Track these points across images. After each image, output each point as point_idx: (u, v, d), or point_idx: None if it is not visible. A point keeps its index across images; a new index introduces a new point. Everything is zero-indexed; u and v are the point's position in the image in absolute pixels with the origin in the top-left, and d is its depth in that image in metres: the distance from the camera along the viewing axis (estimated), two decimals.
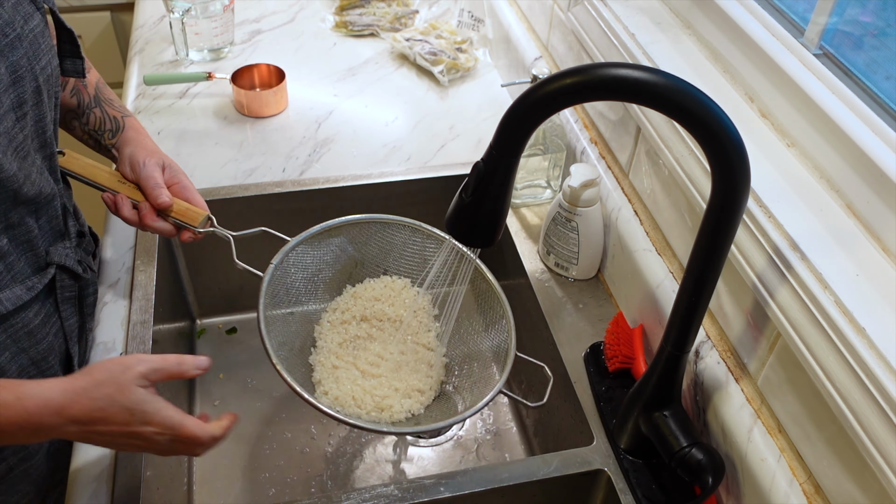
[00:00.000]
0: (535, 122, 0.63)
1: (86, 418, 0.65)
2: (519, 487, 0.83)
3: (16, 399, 0.63)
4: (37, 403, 0.63)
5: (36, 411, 0.63)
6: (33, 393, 0.63)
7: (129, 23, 1.82)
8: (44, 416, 0.63)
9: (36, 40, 0.73)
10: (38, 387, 0.64)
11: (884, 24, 0.79)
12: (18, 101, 0.70)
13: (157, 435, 0.68)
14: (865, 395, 0.59)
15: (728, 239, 0.66)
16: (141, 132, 0.94)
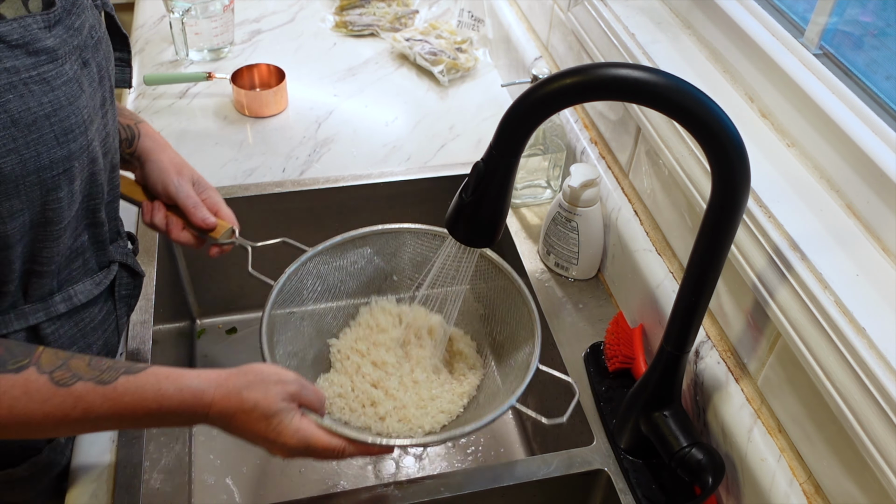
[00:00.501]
0: (536, 122, 0.63)
1: (230, 415, 0.69)
2: (519, 487, 0.83)
3: (176, 390, 0.66)
4: (194, 394, 0.67)
5: (192, 402, 0.67)
6: (193, 385, 0.67)
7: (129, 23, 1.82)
8: (196, 407, 0.67)
9: (108, 43, 0.75)
10: (196, 379, 0.68)
11: (884, 24, 0.79)
12: (102, 100, 0.72)
13: (288, 445, 0.71)
14: (865, 395, 0.59)
15: (728, 239, 0.66)
16: (159, 141, 0.92)
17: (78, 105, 0.65)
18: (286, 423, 0.71)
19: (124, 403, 0.64)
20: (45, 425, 0.62)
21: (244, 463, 1.06)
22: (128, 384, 0.64)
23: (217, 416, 0.68)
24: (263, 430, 0.70)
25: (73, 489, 0.81)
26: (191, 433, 1.09)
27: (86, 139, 0.67)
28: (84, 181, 0.70)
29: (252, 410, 0.69)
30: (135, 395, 0.64)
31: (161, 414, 0.66)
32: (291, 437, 0.71)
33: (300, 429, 0.71)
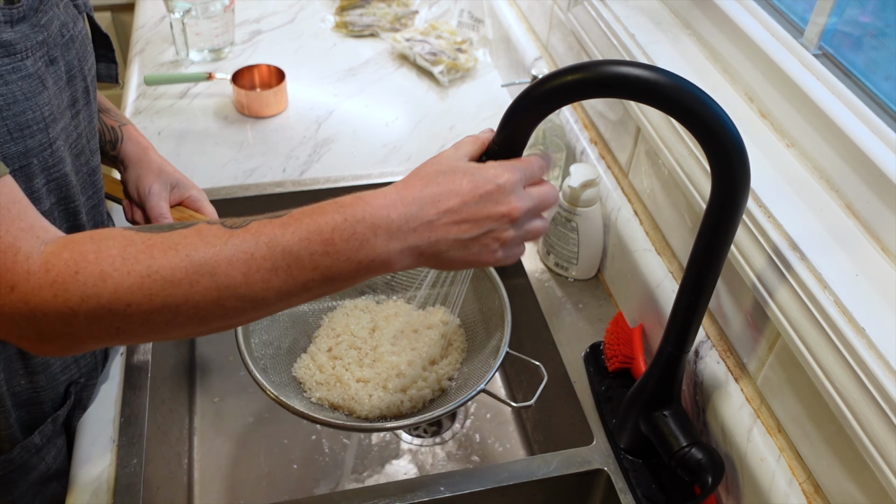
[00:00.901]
0: (537, 119, 0.63)
1: (430, 199, 0.59)
2: (519, 487, 0.84)
3: (358, 199, 0.59)
4: (375, 195, 0.60)
5: (376, 203, 0.59)
6: (371, 198, 0.60)
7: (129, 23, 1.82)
8: (390, 211, 0.58)
9: (83, 42, 0.73)
10: (373, 195, 0.60)
11: (883, 24, 0.79)
12: (72, 100, 0.71)
13: (504, 186, 0.60)
14: (865, 395, 0.59)
15: (728, 239, 0.66)
16: (141, 144, 0.91)
17: (37, 101, 0.62)
18: (486, 167, 0.61)
19: (305, 225, 0.56)
20: (234, 275, 0.54)
21: (245, 463, 1.06)
22: (302, 210, 0.57)
23: (418, 202, 0.59)
24: (474, 186, 0.59)
25: (73, 490, 0.81)
26: (191, 433, 1.09)
27: (46, 137, 0.64)
28: (51, 181, 0.68)
29: (448, 171, 0.61)
30: (313, 212, 0.57)
31: (348, 225, 0.57)
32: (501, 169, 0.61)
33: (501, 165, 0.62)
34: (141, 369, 0.92)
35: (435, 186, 0.60)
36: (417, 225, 0.59)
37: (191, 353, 1.19)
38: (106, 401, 0.89)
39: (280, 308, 0.58)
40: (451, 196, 0.59)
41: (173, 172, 0.91)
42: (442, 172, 0.61)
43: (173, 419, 1.01)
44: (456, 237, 0.60)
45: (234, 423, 1.11)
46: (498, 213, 0.60)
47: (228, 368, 1.18)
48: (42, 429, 0.80)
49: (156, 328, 0.54)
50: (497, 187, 0.60)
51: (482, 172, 0.61)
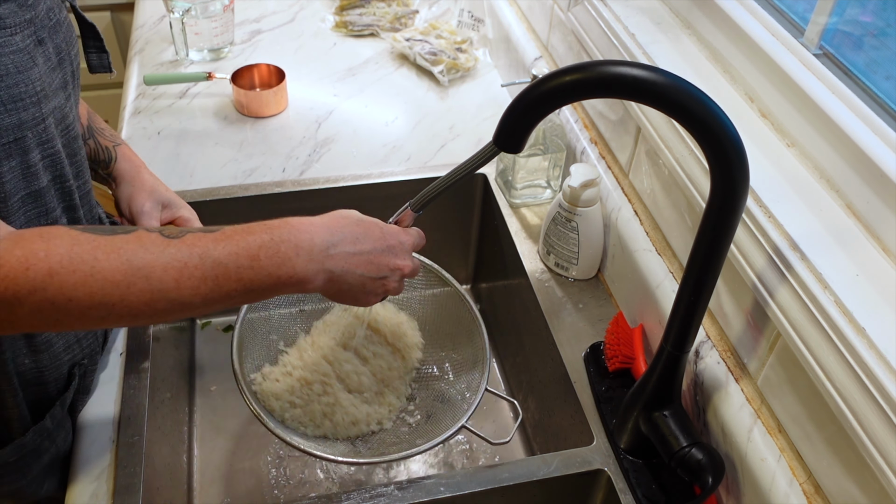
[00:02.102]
0: (537, 118, 0.64)
1: (350, 236, 0.69)
2: (519, 487, 0.83)
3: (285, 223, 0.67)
4: (301, 221, 0.67)
5: (301, 228, 0.66)
6: (298, 223, 0.67)
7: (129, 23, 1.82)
8: (313, 235, 0.66)
9: (69, 28, 0.75)
10: (300, 221, 0.68)
11: (884, 24, 0.79)
12: (63, 82, 0.72)
13: (404, 244, 0.74)
14: (865, 395, 0.59)
15: (728, 239, 0.66)
16: (135, 163, 0.93)
17: (29, 76, 0.65)
18: (390, 227, 0.74)
19: (235, 241, 0.63)
20: (167, 280, 0.60)
21: (245, 463, 1.06)
22: (233, 228, 0.64)
23: (333, 242, 0.68)
24: (383, 236, 0.71)
25: (73, 489, 0.81)
26: (191, 433, 1.09)
27: (39, 111, 0.67)
28: (46, 157, 0.70)
29: (363, 221, 0.71)
30: (244, 231, 0.64)
31: (274, 244, 0.64)
32: (402, 231, 0.74)
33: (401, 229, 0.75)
34: (141, 369, 0.92)
35: (356, 227, 0.70)
36: (336, 252, 0.68)
37: (190, 354, 1.19)
38: (106, 401, 0.89)
39: (202, 312, 0.64)
40: (367, 240, 0.70)
41: (165, 192, 0.93)
42: (361, 219, 0.72)
43: (173, 419, 1.01)
44: (362, 273, 0.70)
45: (234, 423, 1.11)
46: (395, 265, 0.73)
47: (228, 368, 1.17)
48: (53, 412, 0.81)
49: (90, 321, 0.59)
50: (399, 244, 0.73)
51: (390, 229, 0.74)
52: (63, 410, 0.83)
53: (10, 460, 0.78)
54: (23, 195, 0.69)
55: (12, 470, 0.79)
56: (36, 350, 0.77)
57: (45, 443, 0.81)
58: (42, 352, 0.78)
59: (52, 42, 0.70)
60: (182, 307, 0.62)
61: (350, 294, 0.71)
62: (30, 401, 0.79)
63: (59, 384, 0.82)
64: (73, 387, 0.83)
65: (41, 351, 0.78)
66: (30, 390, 0.79)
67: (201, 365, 1.18)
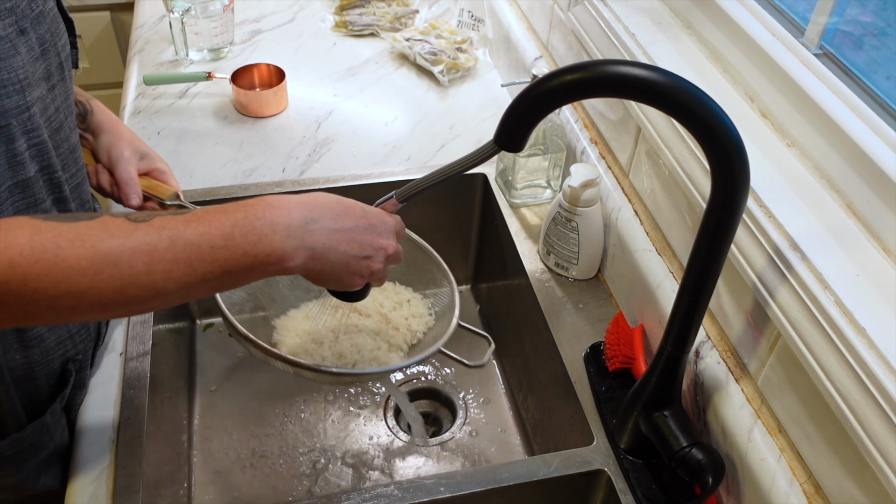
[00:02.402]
0: (538, 118, 0.64)
1: (329, 212, 0.66)
2: (519, 487, 0.83)
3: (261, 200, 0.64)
4: (278, 198, 0.64)
5: (277, 205, 0.63)
6: (274, 199, 0.64)
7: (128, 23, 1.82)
8: (290, 210, 0.63)
9: (55, 20, 0.75)
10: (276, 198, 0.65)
11: (884, 24, 0.79)
12: (47, 73, 0.72)
13: (386, 224, 0.71)
14: (865, 395, 0.59)
15: (728, 239, 0.66)
16: (112, 117, 0.95)
17: (11, 63, 0.64)
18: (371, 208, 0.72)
19: (207, 221, 0.60)
20: (136, 265, 0.57)
21: (245, 463, 1.06)
22: (205, 209, 0.62)
23: (311, 218, 0.65)
24: (365, 215, 0.69)
25: (73, 489, 0.81)
26: (191, 433, 1.09)
27: (23, 99, 0.66)
28: (32, 147, 0.70)
29: (343, 200, 0.69)
30: (216, 211, 0.61)
31: (248, 221, 0.61)
32: (383, 212, 0.72)
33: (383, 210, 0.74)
34: (141, 369, 0.92)
35: (336, 204, 0.68)
36: (316, 228, 0.65)
37: (190, 354, 1.19)
38: (106, 401, 0.89)
39: (181, 299, 0.61)
40: (348, 217, 0.68)
41: (142, 145, 0.95)
42: (340, 199, 0.69)
43: (173, 419, 1.01)
44: (345, 251, 0.67)
45: (235, 422, 1.11)
46: (378, 244, 0.70)
47: (229, 369, 1.18)
48: (53, 408, 0.81)
49: (60, 313, 0.57)
50: (382, 223, 0.71)
51: (372, 209, 0.72)
52: (62, 406, 0.83)
53: (7, 454, 0.78)
54: (10, 185, 0.69)
55: (9, 464, 0.79)
56: (27, 346, 0.77)
57: (44, 438, 0.81)
58: (33, 347, 0.78)
59: (34, 32, 0.70)
60: (156, 293, 0.59)
61: (333, 274, 0.68)
62: (22, 397, 0.79)
63: (51, 380, 0.82)
64: (72, 383, 0.83)
65: (32, 346, 0.78)
66: (21, 386, 0.79)
67: (201, 365, 1.19)
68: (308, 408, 1.13)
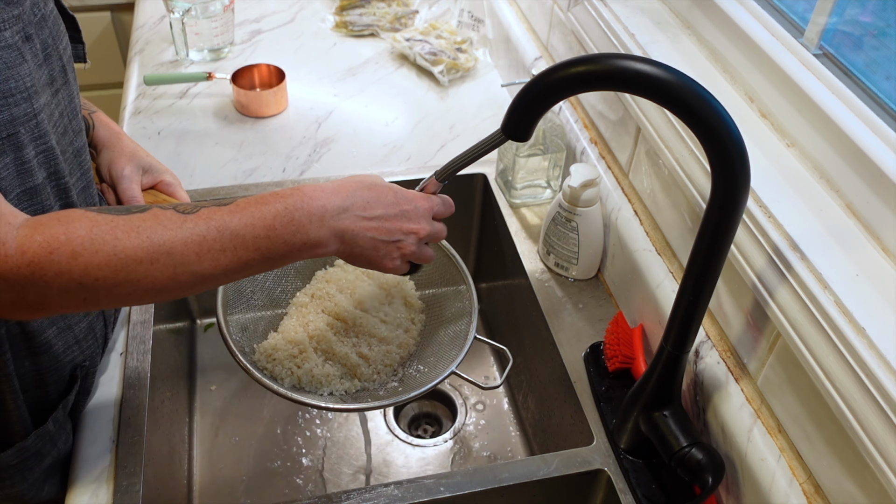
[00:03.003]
0: (544, 108, 0.66)
1: (361, 200, 0.71)
2: (519, 487, 0.83)
3: (297, 190, 0.69)
4: (314, 188, 0.69)
5: (314, 196, 0.68)
6: (310, 190, 0.69)
7: (129, 23, 1.82)
8: (325, 202, 0.68)
9: (56, 22, 0.75)
10: (312, 188, 0.70)
11: (884, 24, 0.79)
12: (50, 78, 0.72)
13: (419, 209, 0.75)
14: (865, 395, 0.59)
15: (728, 239, 0.66)
16: (113, 130, 0.93)
17: (19, 72, 0.65)
18: (406, 192, 0.75)
19: (250, 212, 0.65)
20: (188, 254, 0.62)
21: (245, 463, 1.06)
22: (246, 200, 0.66)
23: (343, 208, 0.69)
24: (396, 202, 0.73)
25: (72, 489, 0.81)
26: (191, 433, 1.09)
27: (30, 107, 0.67)
28: (40, 154, 0.70)
29: (375, 185, 0.72)
30: (257, 202, 0.66)
31: (287, 213, 0.66)
32: (419, 196, 0.75)
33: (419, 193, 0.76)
34: (141, 369, 0.92)
35: (366, 191, 0.72)
36: (347, 217, 0.70)
37: (191, 354, 1.19)
38: (106, 401, 0.89)
39: (224, 282, 0.67)
40: (378, 204, 0.72)
41: (146, 157, 0.93)
42: (374, 184, 0.73)
43: (173, 419, 1.01)
44: (373, 237, 0.71)
45: (235, 423, 1.11)
46: (408, 229, 0.74)
47: (229, 369, 1.18)
48: (55, 415, 0.81)
49: (117, 299, 0.62)
50: (414, 209, 0.74)
51: (404, 193, 0.75)
52: (65, 413, 0.83)
53: (12, 463, 0.78)
54: (18, 192, 0.69)
55: (13, 473, 0.79)
56: (35, 352, 0.77)
57: (47, 446, 0.81)
58: (41, 354, 0.78)
59: (38, 38, 0.70)
60: (204, 279, 0.63)
61: (364, 257, 0.73)
62: (29, 403, 0.79)
63: (60, 386, 0.82)
64: (76, 389, 0.83)
65: (41, 353, 0.78)
66: (29, 393, 0.79)
67: (201, 365, 1.19)
68: (308, 408, 1.13)
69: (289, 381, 0.87)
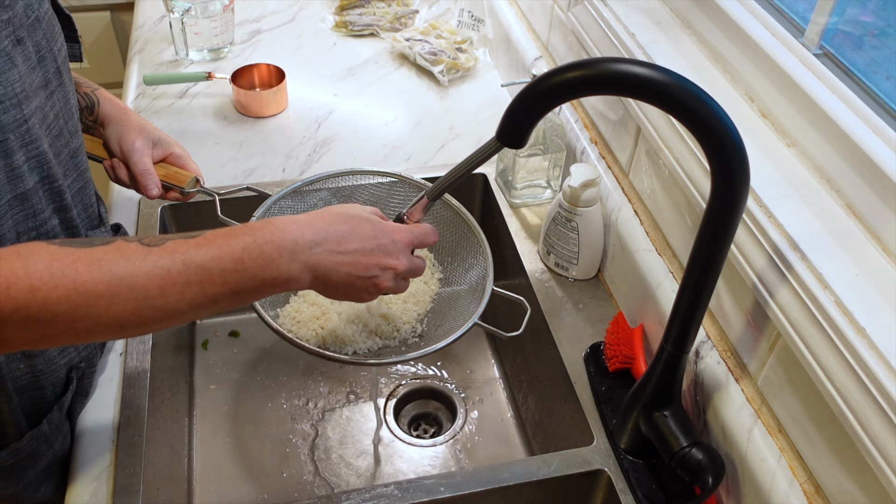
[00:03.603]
0: (539, 114, 0.65)
1: (335, 234, 0.68)
2: (519, 487, 0.83)
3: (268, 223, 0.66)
4: (285, 220, 0.66)
5: (285, 229, 0.65)
6: (281, 223, 0.66)
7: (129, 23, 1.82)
8: (297, 235, 0.66)
9: (50, 23, 0.74)
10: (283, 221, 0.67)
11: (884, 24, 0.79)
12: (45, 80, 0.72)
13: (397, 243, 0.72)
14: (865, 395, 0.59)
15: (728, 239, 0.66)
16: (119, 105, 0.93)
17: (7, 78, 0.64)
18: (386, 223, 0.72)
19: (218, 245, 0.62)
20: (151, 288, 0.59)
21: (245, 463, 1.06)
22: (214, 232, 0.64)
23: (316, 242, 0.67)
24: (373, 235, 0.70)
25: (72, 489, 0.81)
26: (191, 433, 1.09)
27: (20, 112, 0.66)
28: (31, 159, 0.70)
29: (352, 217, 0.70)
30: (225, 235, 0.63)
31: (257, 246, 0.63)
32: (395, 228, 0.72)
33: (399, 226, 0.73)
34: (140, 370, 0.92)
35: (342, 224, 0.69)
36: (320, 251, 0.67)
37: (190, 354, 1.19)
38: (106, 401, 0.89)
39: (191, 318, 0.64)
40: (353, 238, 0.69)
41: (154, 130, 0.93)
42: (351, 216, 0.70)
43: (173, 419, 1.01)
44: (347, 272, 0.69)
45: (234, 423, 1.11)
46: (385, 264, 0.71)
47: (228, 368, 1.18)
48: (50, 417, 0.80)
49: (77, 335, 0.59)
50: (392, 242, 0.71)
51: (382, 226, 0.72)
52: (61, 415, 0.82)
53: (6, 464, 0.78)
54: (9, 198, 0.69)
55: (8, 474, 0.79)
56: (30, 354, 0.77)
57: (42, 447, 0.80)
58: (36, 356, 0.77)
59: (31, 40, 0.69)
60: (168, 314, 0.61)
61: (339, 291, 0.70)
62: (26, 405, 0.79)
63: (57, 388, 0.82)
64: (71, 390, 0.83)
65: (35, 355, 0.77)
66: (26, 395, 0.78)
67: (201, 364, 1.18)
68: (309, 408, 1.13)
69: (314, 342, 0.87)
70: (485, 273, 0.89)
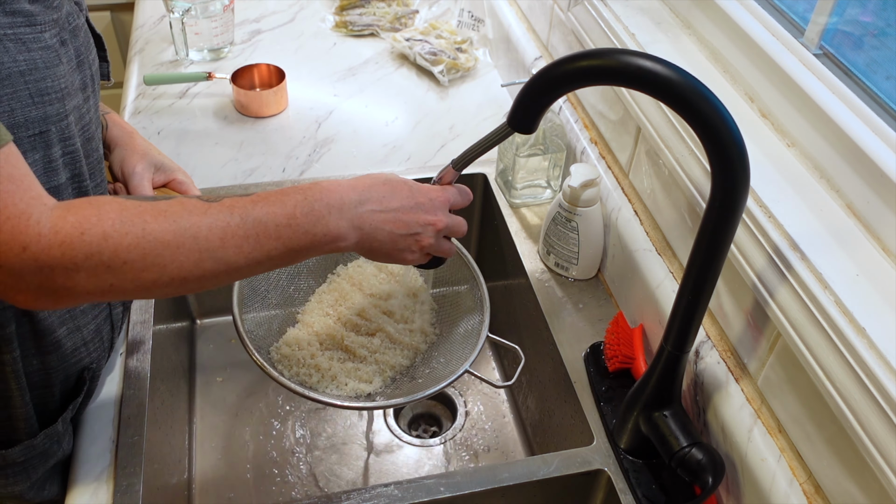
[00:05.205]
0: (551, 100, 0.68)
1: (377, 195, 0.72)
2: (519, 487, 0.83)
3: (316, 184, 0.70)
4: (331, 183, 0.71)
5: (331, 189, 0.70)
6: (327, 184, 0.71)
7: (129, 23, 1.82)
8: (343, 194, 0.70)
9: (87, 35, 0.76)
10: (329, 182, 0.71)
11: (884, 24, 0.79)
12: (83, 84, 0.73)
13: (434, 201, 0.76)
14: (865, 395, 0.59)
15: (728, 239, 0.66)
16: (126, 129, 0.94)
17: (55, 72, 0.66)
18: (421, 185, 0.76)
19: (272, 202, 0.66)
20: (213, 240, 0.62)
21: (245, 464, 1.06)
22: (267, 192, 0.67)
23: (360, 200, 0.71)
24: (411, 194, 0.74)
25: (73, 489, 0.81)
26: (191, 434, 1.09)
27: (62, 107, 0.68)
28: (66, 154, 0.71)
29: (390, 181, 0.74)
30: (277, 194, 0.67)
31: (308, 203, 0.67)
32: (434, 188, 0.76)
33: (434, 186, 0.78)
34: (141, 370, 0.92)
35: (382, 186, 0.73)
36: (364, 210, 0.71)
37: (190, 353, 1.19)
38: (106, 401, 0.89)
39: (247, 273, 0.67)
40: (394, 198, 0.73)
41: (158, 155, 0.94)
42: (388, 180, 0.74)
43: (173, 419, 1.01)
44: (390, 231, 0.73)
45: (234, 422, 1.11)
46: (426, 220, 0.75)
47: (229, 368, 1.18)
48: (65, 416, 0.81)
49: (143, 287, 0.61)
50: (429, 201, 0.75)
51: (420, 187, 0.76)
52: (73, 414, 0.83)
53: (18, 461, 0.78)
54: (45, 189, 0.70)
55: (18, 471, 0.79)
56: (44, 351, 0.77)
57: (54, 446, 0.81)
58: (50, 353, 0.78)
59: (72, 44, 0.71)
60: (228, 267, 0.64)
61: (383, 251, 0.74)
62: (35, 402, 0.79)
63: (65, 387, 0.82)
64: (85, 391, 0.84)
65: (49, 352, 0.78)
66: (35, 392, 0.79)
67: (201, 364, 1.19)
68: (309, 408, 1.13)
69: (302, 379, 0.87)
70: (481, 319, 0.91)
